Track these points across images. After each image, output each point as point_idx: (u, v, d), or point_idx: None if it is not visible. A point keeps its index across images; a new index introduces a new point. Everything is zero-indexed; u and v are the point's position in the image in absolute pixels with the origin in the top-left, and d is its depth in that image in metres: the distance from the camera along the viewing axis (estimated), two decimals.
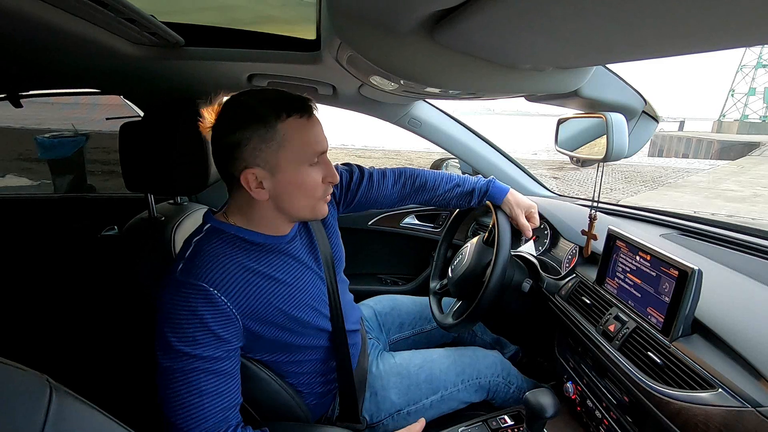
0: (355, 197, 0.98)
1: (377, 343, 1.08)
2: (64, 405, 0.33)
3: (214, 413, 0.63)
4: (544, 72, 0.66)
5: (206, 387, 0.63)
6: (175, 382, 0.62)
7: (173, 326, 0.62)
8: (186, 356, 0.62)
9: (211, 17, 0.94)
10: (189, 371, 0.62)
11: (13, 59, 0.92)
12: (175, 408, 0.62)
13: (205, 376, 0.63)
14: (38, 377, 0.33)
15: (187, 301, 0.63)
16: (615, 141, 0.84)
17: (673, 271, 0.67)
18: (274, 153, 0.65)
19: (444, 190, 1.05)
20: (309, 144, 0.67)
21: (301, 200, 0.70)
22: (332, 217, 0.93)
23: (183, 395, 0.62)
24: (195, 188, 0.96)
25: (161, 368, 0.63)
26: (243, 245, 0.71)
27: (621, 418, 0.75)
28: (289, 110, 0.66)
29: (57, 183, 2.17)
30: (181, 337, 0.62)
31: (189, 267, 0.65)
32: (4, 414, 0.29)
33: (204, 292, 0.63)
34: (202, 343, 0.63)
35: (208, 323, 0.63)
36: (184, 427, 0.62)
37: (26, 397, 0.31)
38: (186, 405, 0.62)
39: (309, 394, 0.85)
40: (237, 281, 0.67)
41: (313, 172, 0.69)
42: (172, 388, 0.62)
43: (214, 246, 0.68)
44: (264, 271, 0.71)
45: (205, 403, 0.62)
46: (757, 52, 42.76)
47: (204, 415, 0.62)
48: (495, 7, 0.38)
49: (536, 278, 1.06)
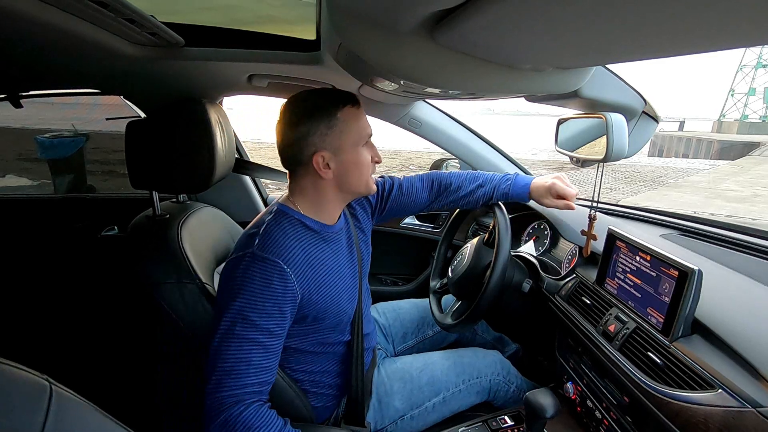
0: (386, 206, 1.04)
1: (384, 353, 1.10)
2: (64, 405, 0.33)
3: (252, 384, 0.70)
4: (544, 72, 0.66)
5: (255, 359, 0.70)
6: (233, 345, 0.69)
7: (246, 294, 0.69)
8: (251, 324, 0.69)
9: (211, 17, 0.94)
10: (247, 340, 0.69)
11: (13, 59, 0.92)
12: (223, 368, 0.68)
13: (257, 349, 0.70)
14: (38, 377, 0.33)
15: (264, 273, 0.70)
16: (615, 141, 0.84)
17: (673, 272, 0.67)
18: (337, 137, 0.76)
19: (467, 191, 1.07)
20: (362, 128, 0.79)
21: (358, 176, 0.80)
22: (367, 227, 0.99)
23: (235, 359, 0.69)
24: (199, 186, 0.97)
25: (223, 330, 0.69)
26: (303, 230, 0.79)
27: (621, 418, 0.75)
28: (345, 101, 0.77)
29: (57, 183, 2.17)
30: (252, 305, 0.69)
31: (265, 243, 0.73)
32: (4, 414, 0.29)
33: (279, 269, 0.71)
34: (268, 314, 0.70)
35: (278, 296, 0.70)
36: (225, 386, 0.68)
37: (26, 397, 0.31)
38: (233, 369, 0.68)
39: (315, 395, 0.86)
40: (302, 263, 0.75)
41: (365, 152, 0.81)
42: (228, 351, 0.69)
43: (284, 227, 0.76)
44: (319, 256, 0.79)
45: (250, 372, 0.69)
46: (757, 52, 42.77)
47: (244, 383, 0.69)
48: (495, 8, 0.38)
49: (536, 278, 1.06)
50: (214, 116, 0.97)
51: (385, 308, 1.23)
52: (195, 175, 0.95)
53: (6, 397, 0.30)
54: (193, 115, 0.93)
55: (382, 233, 1.61)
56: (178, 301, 0.83)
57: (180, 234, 0.88)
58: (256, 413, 0.69)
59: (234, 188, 1.43)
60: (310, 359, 0.84)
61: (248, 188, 1.47)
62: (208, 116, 0.93)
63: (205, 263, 0.89)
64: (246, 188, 1.46)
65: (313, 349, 0.84)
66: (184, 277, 0.83)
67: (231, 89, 1.16)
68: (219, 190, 1.18)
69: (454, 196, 1.08)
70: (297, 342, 0.82)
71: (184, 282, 0.82)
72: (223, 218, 1.11)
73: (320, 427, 0.87)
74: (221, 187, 1.15)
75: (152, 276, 0.83)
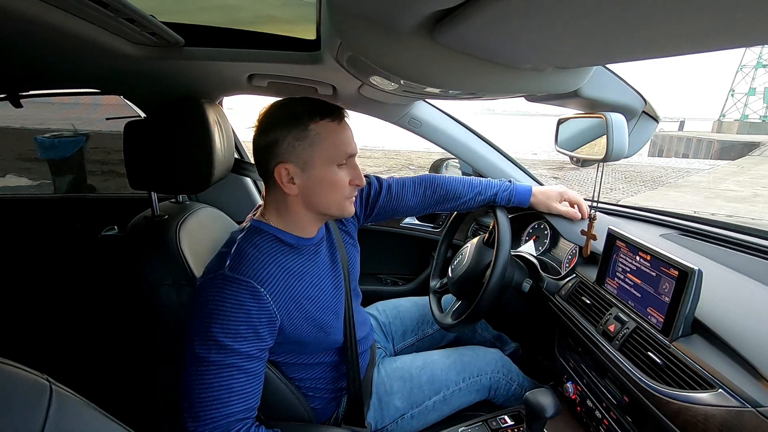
0: (375, 208, 1.02)
1: (384, 352, 1.10)
2: (64, 405, 0.33)
3: (237, 412, 0.65)
4: (544, 72, 0.66)
5: (236, 385, 0.65)
6: (208, 374, 0.64)
7: (218, 318, 0.65)
8: (225, 349, 0.64)
9: (211, 17, 0.94)
10: (225, 366, 0.64)
11: (13, 59, 0.92)
12: (202, 399, 0.64)
13: (237, 374, 0.65)
14: (38, 377, 0.33)
15: (236, 295, 0.66)
16: (615, 141, 0.84)
17: (673, 271, 0.67)
18: (306, 150, 0.71)
19: (466, 199, 1.07)
20: (338, 145, 0.73)
21: (328, 196, 0.74)
22: (353, 229, 0.96)
23: (214, 388, 0.64)
24: (198, 187, 0.97)
25: (195, 358, 0.65)
26: (279, 245, 0.75)
27: (621, 418, 0.75)
28: (322, 114, 0.72)
29: (57, 183, 2.17)
30: (225, 329, 0.64)
31: (236, 264, 0.69)
32: (4, 414, 0.29)
33: (251, 289, 0.67)
34: (243, 338, 0.66)
35: (253, 318, 0.66)
36: (208, 419, 0.64)
37: (26, 397, 0.31)
38: (214, 399, 0.64)
39: (314, 397, 0.86)
40: (277, 280, 0.71)
41: (340, 172, 0.74)
42: (203, 380, 0.64)
43: (257, 244, 0.72)
44: (297, 271, 0.75)
45: (232, 400, 0.65)
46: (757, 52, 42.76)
47: (228, 413, 0.64)
48: (495, 7, 0.38)
49: (536, 278, 1.06)
50: (213, 116, 0.97)
51: (385, 306, 1.23)
52: (194, 175, 0.95)
53: (6, 397, 0.30)
54: (192, 115, 0.93)
55: (382, 233, 1.61)
56: (176, 302, 0.83)
57: (178, 235, 0.88)
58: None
59: (233, 188, 1.43)
60: (306, 369, 0.84)
61: (248, 188, 1.47)
62: (207, 116, 0.93)
63: (203, 264, 0.89)
64: (245, 188, 1.46)
65: (308, 361, 0.83)
66: (181, 278, 0.83)
67: (231, 89, 1.16)
68: (218, 190, 1.18)
69: (452, 204, 1.08)
70: (291, 358, 0.81)
71: (182, 283, 0.82)
72: (222, 218, 1.11)
73: (320, 427, 0.87)
74: (220, 187, 1.15)
75: (150, 277, 0.83)
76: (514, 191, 1.08)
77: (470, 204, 1.09)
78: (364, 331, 0.95)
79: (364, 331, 0.95)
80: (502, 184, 1.10)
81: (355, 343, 0.87)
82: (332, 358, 0.86)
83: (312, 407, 0.86)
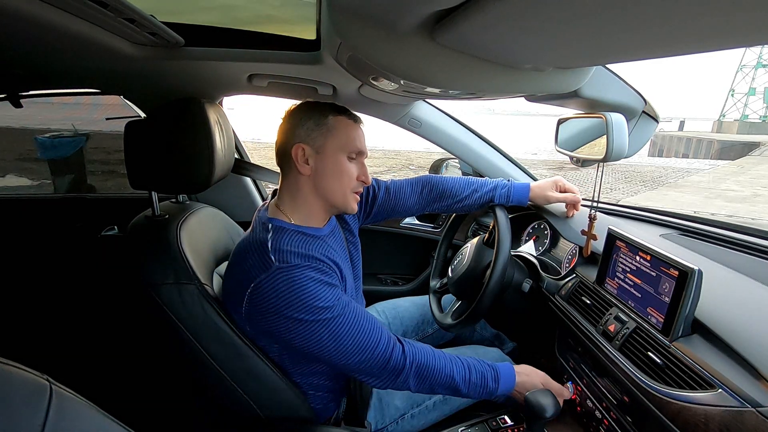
0: (374, 208, 1.05)
1: None
2: (64, 405, 0.33)
3: (384, 331, 0.76)
4: (544, 72, 0.66)
5: (370, 317, 0.76)
6: (344, 323, 0.72)
7: (310, 295, 0.70)
8: (335, 302, 0.72)
9: (211, 17, 0.94)
10: (347, 309, 0.73)
11: (13, 59, 0.92)
12: (364, 342, 0.72)
13: (357, 307, 0.75)
14: (38, 377, 0.33)
15: (303, 274, 0.71)
16: (615, 141, 0.84)
17: (673, 271, 0.67)
18: (322, 136, 0.78)
19: (463, 196, 1.09)
20: (351, 139, 0.80)
21: (335, 184, 0.80)
22: (354, 228, 0.99)
23: (354, 328, 0.72)
24: (198, 187, 0.97)
25: (326, 328, 0.71)
26: (303, 237, 0.80)
27: (621, 418, 0.75)
28: (343, 112, 0.81)
29: (57, 183, 2.17)
30: (321, 296, 0.70)
31: (283, 256, 0.73)
32: (4, 414, 0.29)
33: (306, 262, 0.73)
34: (337, 289, 0.74)
35: (328, 279, 0.73)
36: (378, 342, 0.74)
37: (26, 397, 0.31)
38: (366, 329, 0.73)
39: (314, 396, 0.86)
40: (319, 256, 0.77)
41: (349, 164, 0.81)
42: (340, 331, 0.72)
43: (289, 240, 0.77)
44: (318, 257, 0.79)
45: (374, 322, 0.75)
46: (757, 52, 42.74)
47: (381, 332, 0.75)
48: (495, 8, 0.38)
49: (536, 278, 1.06)
50: (213, 116, 0.97)
51: (385, 307, 1.23)
52: (194, 175, 0.95)
53: (6, 397, 0.30)
54: (192, 115, 0.93)
55: (382, 233, 1.61)
56: (177, 301, 0.83)
57: (179, 234, 0.88)
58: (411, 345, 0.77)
59: (234, 188, 1.43)
60: (308, 364, 0.84)
61: (248, 188, 1.47)
62: (207, 116, 0.93)
63: (204, 264, 0.89)
64: (246, 188, 1.46)
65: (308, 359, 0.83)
66: (182, 278, 0.83)
67: (231, 89, 1.16)
68: (219, 189, 1.18)
69: (448, 202, 1.10)
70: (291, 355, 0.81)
71: (183, 283, 0.82)
72: (222, 218, 1.11)
73: (320, 427, 0.87)
74: (221, 186, 1.15)
75: (151, 277, 0.83)
76: (512, 189, 1.09)
77: (468, 203, 1.09)
78: None
79: None
80: (500, 182, 1.11)
81: None
82: None
83: (312, 407, 0.86)
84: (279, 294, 0.70)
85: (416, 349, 0.78)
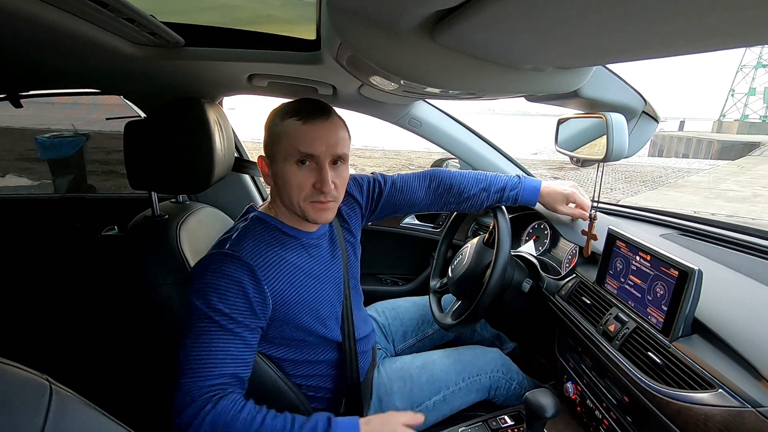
0: (380, 203, 1.01)
1: (384, 353, 1.10)
2: (64, 405, 0.33)
3: (229, 374, 0.68)
4: (544, 72, 0.66)
5: (232, 349, 0.69)
6: (205, 337, 0.68)
7: (216, 289, 0.69)
8: (221, 315, 0.68)
9: (211, 17, 0.94)
10: (223, 330, 0.68)
11: (13, 59, 0.92)
12: (196, 357, 0.67)
13: (233, 339, 0.69)
14: (38, 377, 0.33)
15: (235, 270, 0.70)
16: (615, 141, 0.84)
17: (673, 271, 0.67)
18: (273, 145, 0.75)
19: (471, 194, 1.03)
20: (295, 143, 0.73)
21: (289, 194, 0.75)
22: (356, 226, 0.96)
23: (207, 349, 0.67)
24: (198, 186, 0.97)
25: (193, 328, 0.68)
26: (279, 235, 0.79)
27: (621, 418, 0.75)
28: (292, 113, 0.74)
29: (57, 183, 2.17)
30: (221, 298, 0.69)
31: (237, 246, 0.72)
32: (4, 414, 0.29)
33: (250, 269, 0.71)
34: (237, 308, 0.69)
35: (248, 293, 0.70)
36: (199, 374, 0.66)
37: (26, 397, 0.31)
38: (210, 359, 0.67)
39: (314, 397, 0.86)
40: (274, 269, 0.75)
41: (299, 171, 0.74)
42: (198, 342, 0.67)
43: (258, 232, 0.76)
44: (294, 261, 0.78)
45: (227, 361, 0.68)
46: (757, 52, 42.76)
47: (221, 373, 0.67)
48: (495, 8, 0.38)
49: (536, 278, 1.06)
50: (213, 116, 0.97)
51: (384, 307, 1.23)
52: (194, 175, 0.95)
53: (6, 397, 0.30)
54: (192, 115, 0.93)
55: (382, 233, 1.61)
56: (176, 301, 0.83)
57: (179, 234, 0.88)
58: (233, 402, 0.66)
59: (233, 188, 1.43)
60: (307, 367, 0.84)
61: (248, 188, 1.47)
62: (207, 116, 0.93)
63: None
64: (246, 188, 1.46)
65: (308, 358, 0.83)
66: (181, 278, 0.83)
67: (231, 89, 1.16)
68: (218, 189, 1.18)
69: (456, 199, 1.04)
70: (291, 353, 0.82)
71: (182, 283, 0.82)
72: (222, 218, 1.11)
73: None
74: (221, 186, 1.15)
75: (150, 276, 0.83)
76: (521, 191, 1.03)
77: (475, 201, 1.04)
78: (366, 330, 0.95)
79: (365, 330, 0.94)
80: (510, 180, 1.04)
81: (354, 340, 0.87)
82: (332, 356, 0.86)
83: (313, 407, 0.86)
84: (203, 274, 0.70)
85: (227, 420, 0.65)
